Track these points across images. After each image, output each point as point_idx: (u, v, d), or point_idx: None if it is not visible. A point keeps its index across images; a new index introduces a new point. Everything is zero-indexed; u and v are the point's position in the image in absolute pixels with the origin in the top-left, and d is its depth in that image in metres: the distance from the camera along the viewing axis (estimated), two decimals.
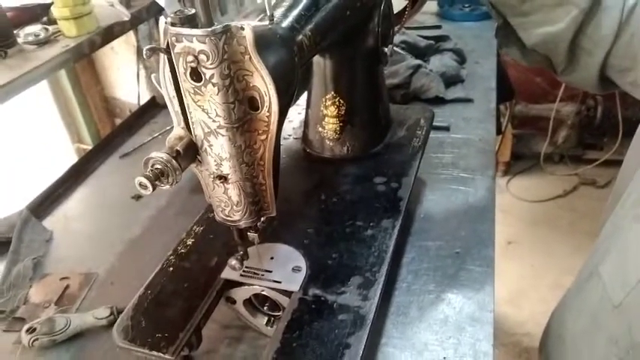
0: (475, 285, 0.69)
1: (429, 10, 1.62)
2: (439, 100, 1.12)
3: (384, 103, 0.82)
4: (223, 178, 0.51)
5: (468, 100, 1.12)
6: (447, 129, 1.03)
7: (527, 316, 1.96)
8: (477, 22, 1.53)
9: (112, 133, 1.16)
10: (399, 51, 1.15)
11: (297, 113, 0.91)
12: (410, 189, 0.72)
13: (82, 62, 1.35)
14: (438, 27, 1.49)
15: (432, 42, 1.25)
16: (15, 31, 0.90)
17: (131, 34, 1.23)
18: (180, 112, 0.49)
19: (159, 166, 0.48)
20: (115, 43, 1.21)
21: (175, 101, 0.49)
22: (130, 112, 1.35)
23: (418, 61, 1.15)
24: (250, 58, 0.44)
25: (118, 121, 1.45)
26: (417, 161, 0.77)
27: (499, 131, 2.01)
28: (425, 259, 0.73)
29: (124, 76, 1.38)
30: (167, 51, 0.45)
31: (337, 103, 0.76)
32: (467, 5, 1.56)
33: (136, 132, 1.17)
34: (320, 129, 0.78)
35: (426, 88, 1.12)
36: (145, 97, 1.32)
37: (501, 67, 1.38)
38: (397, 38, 1.20)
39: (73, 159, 1.34)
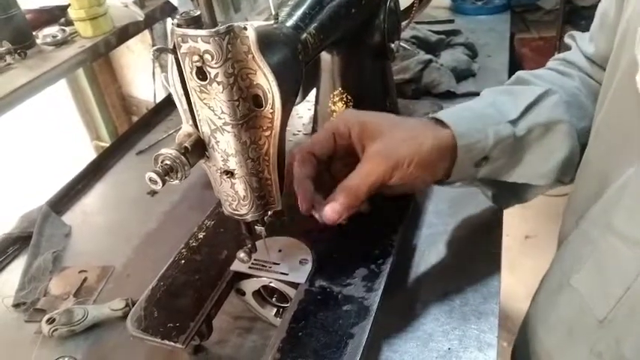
0: (481, 278, 0.70)
1: (442, 4, 1.61)
2: (450, 95, 1.12)
3: (392, 99, 0.83)
4: (230, 174, 0.52)
5: (479, 94, 1.12)
6: None
7: None
8: (490, 16, 1.52)
9: (129, 130, 1.19)
10: (407, 46, 1.15)
11: (306, 109, 0.92)
12: None
13: (100, 61, 1.39)
14: (451, 21, 1.49)
15: (442, 36, 1.26)
16: (34, 33, 0.93)
17: (147, 33, 1.26)
18: (188, 110, 0.51)
19: (168, 162, 0.49)
20: (132, 42, 1.24)
21: (183, 99, 0.51)
22: (146, 110, 1.38)
23: (429, 56, 1.15)
24: (253, 57, 0.46)
25: (135, 119, 1.48)
26: None
27: None
28: (432, 250, 0.74)
29: (141, 74, 1.41)
30: (174, 51, 0.46)
31: (345, 99, 0.77)
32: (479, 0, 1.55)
33: (152, 129, 1.19)
34: None
35: (437, 83, 1.12)
36: (161, 95, 1.34)
37: (516, 61, 1.37)
38: (408, 33, 1.21)
39: (91, 156, 1.38)
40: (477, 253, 0.73)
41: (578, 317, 0.58)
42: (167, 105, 1.27)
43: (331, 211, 0.57)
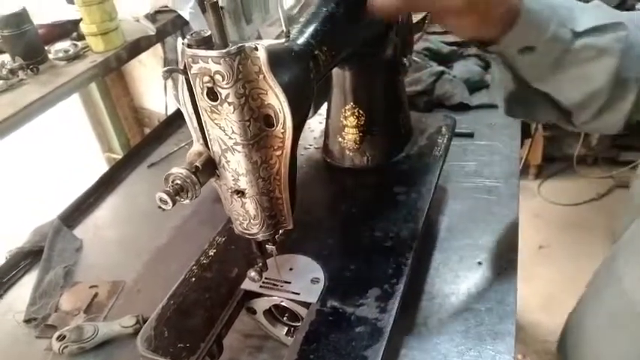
0: (497, 296, 0.68)
1: None
2: (463, 107, 1.11)
3: (404, 113, 0.82)
4: (241, 193, 0.52)
5: (493, 106, 1.11)
6: (471, 135, 1.02)
7: (560, 322, 1.91)
8: None
9: (141, 143, 1.19)
10: (418, 59, 1.14)
11: (318, 123, 0.92)
12: (430, 199, 0.71)
13: (112, 74, 1.39)
14: None
15: (455, 48, 1.24)
16: (46, 47, 0.94)
17: (159, 46, 1.26)
18: (198, 128, 0.50)
19: (179, 182, 0.49)
20: (144, 55, 1.24)
21: (194, 118, 0.50)
22: (158, 122, 1.38)
23: (441, 68, 1.14)
24: (264, 77, 0.45)
25: (147, 131, 1.49)
26: (438, 170, 0.77)
27: (528, 134, 1.97)
28: (446, 269, 0.73)
29: (152, 87, 1.42)
30: (184, 72, 0.46)
31: (357, 113, 0.76)
32: None
33: (163, 142, 1.19)
34: (340, 139, 0.79)
35: (450, 95, 1.11)
36: (173, 107, 1.35)
37: None
38: (419, 45, 1.20)
39: (103, 168, 1.38)
40: (492, 270, 0.72)
41: (621, 306, 0.62)
42: (178, 117, 1.28)
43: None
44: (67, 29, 1.01)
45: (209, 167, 0.51)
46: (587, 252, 2.15)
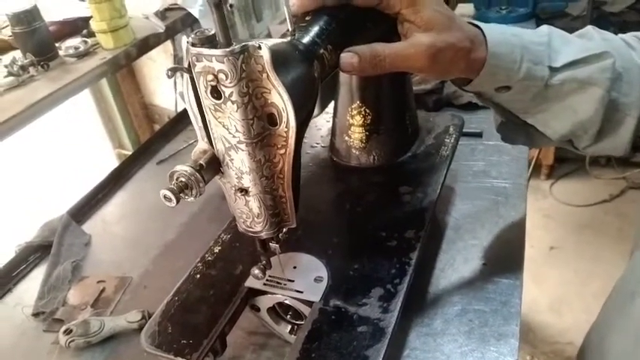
0: (502, 297, 0.68)
1: (466, 13, 1.60)
2: (472, 106, 1.10)
3: (411, 112, 0.82)
4: (244, 191, 0.52)
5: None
6: (479, 135, 1.02)
7: (570, 324, 1.90)
8: (514, 24, 1.50)
9: (150, 139, 1.20)
10: None
11: (325, 121, 0.92)
12: (435, 199, 0.71)
13: (123, 71, 1.41)
14: None
15: None
16: (57, 44, 0.95)
17: (169, 43, 1.27)
18: (203, 127, 0.51)
19: (183, 179, 0.49)
20: (154, 52, 1.25)
21: (198, 117, 0.51)
22: (168, 119, 1.39)
23: None
24: (268, 76, 0.45)
25: (157, 127, 1.50)
26: (444, 170, 0.76)
27: None
28: (451, 270, 0.73)
29: (163, 83, 1.43)
30: (189, 70, 0.46)
31: (363, 112, 0.76)
32: (504, 8, 1.53)
33: (172, 139, 1.20)
34: (346, 138, 0.79)
35: (459, 94, 1.10)
36: (182, 105, 1.35)
37: None
38: None
39: (114, 164, 1.39)
40: (497, 271, 0.72)
41: None
42: (187, 115, 1.28)
43: (349, 58, 0.55)
44: (78, 26, 1.02)
45: (213, 165, 0.51)
46: (599, 254, 2.14)
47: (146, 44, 1.02)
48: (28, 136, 1.23)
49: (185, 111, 1.29)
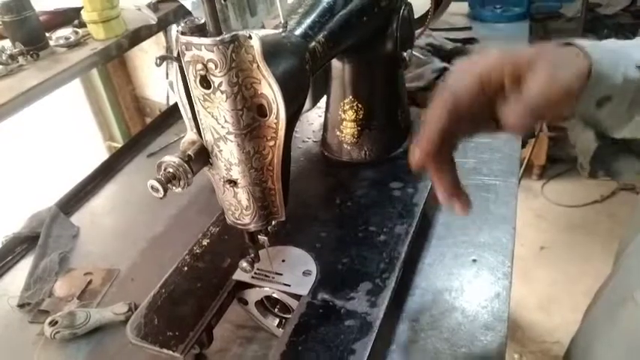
0: (490, 294, 0.68)
1: (460, 11, 1.59)
2: None
3: (404, 107, 0.82)
4: (233, 183, 0.52)
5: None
6: None
7: (558, 323, 1.91)
8: (508, 24, 1.50)
9: (140, 132, 1.19)
10: (420, 55, 1.13)
11: (317, 116, 0.91)
12: (426, 195, 0.71)
13: (114, 63, 1.39)
14: (469, 28, 1.47)
15: (458, 44, 1.24)
16: (48, 34, 0.94)
17: (161, 35, 1.26)
18: (192, 117, 0.50)
19: (171, 170, 0.49)
20: (146, 44, 1.24)
21: (187, 107, 0.50)
22: (159, 111, 1.38)
23: (444, 64, 1.13)
24: (258, 66, 0.45)
25: (148, 120, 1.49)
26: None
27: (532, 134, 1.96)
28: (440, 265, 0.73)
29: (154, 76, 1.41)
30: (178, 59, 0.46)
31: (355, 107, 0.76)
32: (498, 6, 1.53)
33: (163, 132, 1.19)
34: (338, 133, 0.79)
35: None
36: (174, 98, 1.34)
37: None
38: (423, 40, 1.19)
39: (104, 156, 1.38)
40: (486, 268, 0.72)
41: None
42: (179, 108, 1.27)
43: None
44: (69, 16, 1.01)
45: (202, 156, 0.51)
46: (589, 254, 2.15)
47: (138, 36, 1.01)
48: (18, 126, 1.22)
49: (176, 105, 1.29)
